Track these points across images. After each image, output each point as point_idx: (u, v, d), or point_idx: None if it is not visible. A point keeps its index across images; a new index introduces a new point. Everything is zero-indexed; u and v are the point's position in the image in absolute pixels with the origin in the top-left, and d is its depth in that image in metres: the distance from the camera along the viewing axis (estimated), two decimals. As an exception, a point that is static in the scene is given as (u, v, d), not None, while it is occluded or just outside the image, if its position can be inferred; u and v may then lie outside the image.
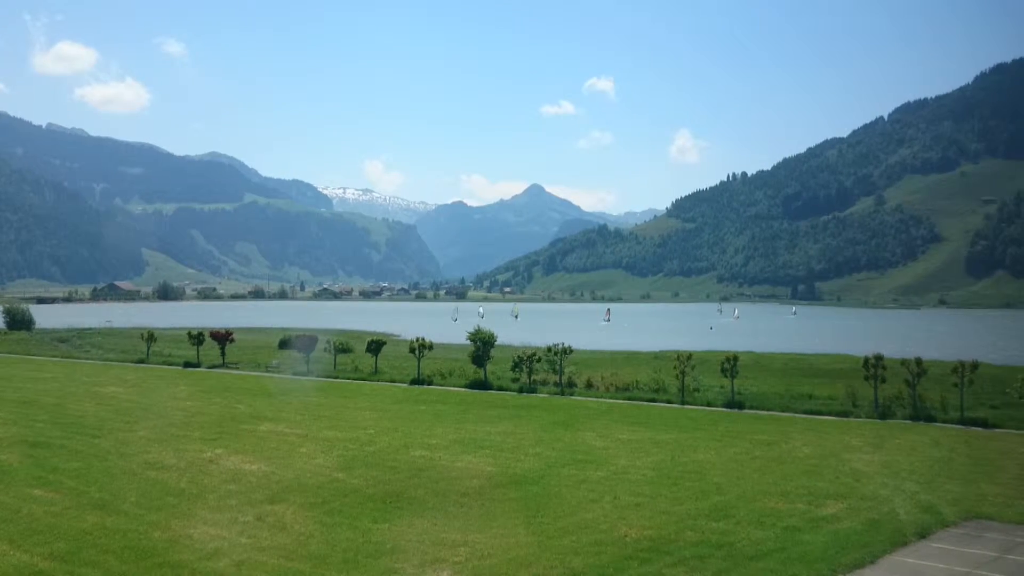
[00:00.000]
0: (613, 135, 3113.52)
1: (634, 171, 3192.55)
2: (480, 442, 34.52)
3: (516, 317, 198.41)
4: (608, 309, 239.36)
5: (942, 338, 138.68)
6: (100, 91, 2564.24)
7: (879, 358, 45.93)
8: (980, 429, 40.43)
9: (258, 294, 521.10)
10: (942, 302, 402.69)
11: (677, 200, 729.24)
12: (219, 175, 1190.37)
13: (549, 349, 57.83)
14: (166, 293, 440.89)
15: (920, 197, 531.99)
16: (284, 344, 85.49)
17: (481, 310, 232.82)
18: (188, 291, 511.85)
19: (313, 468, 29.13)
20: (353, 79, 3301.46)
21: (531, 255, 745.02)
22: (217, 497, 24.85)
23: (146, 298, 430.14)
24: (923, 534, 21.99)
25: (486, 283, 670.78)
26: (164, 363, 73.76)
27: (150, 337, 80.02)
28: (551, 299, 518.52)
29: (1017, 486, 27.89)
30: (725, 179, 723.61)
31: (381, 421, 40.44)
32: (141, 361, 75.02)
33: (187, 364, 71.70)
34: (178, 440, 34.24)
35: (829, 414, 44.47)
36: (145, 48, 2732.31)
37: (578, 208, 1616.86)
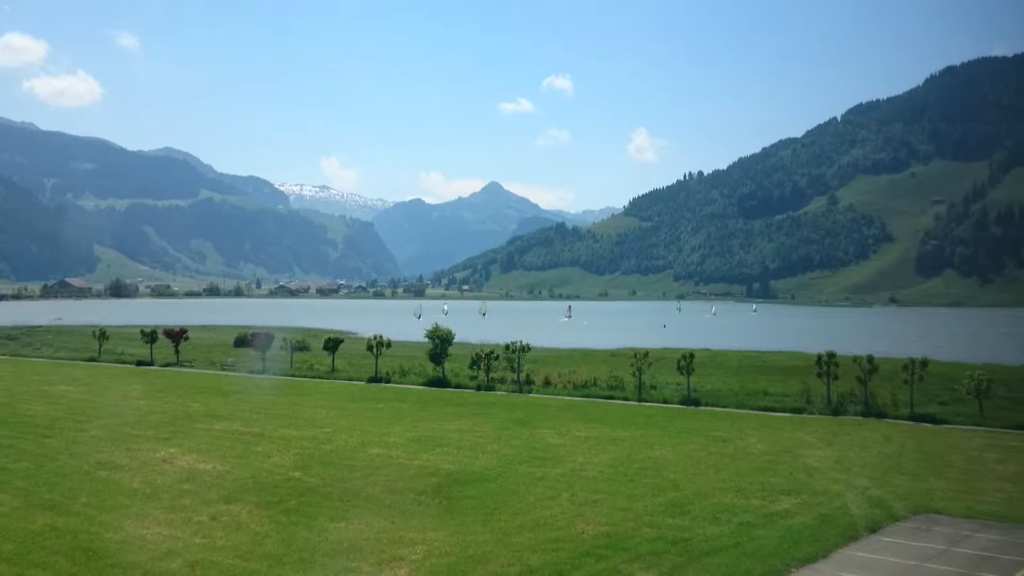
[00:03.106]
0: (571, 133, 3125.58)
1: (592, 169, 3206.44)
2: (438, 440, 34.51)
3: (484, 315, 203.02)
4: (569, 306, 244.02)
5: (892, 336, 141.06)
6: (50, 84, 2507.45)
7: (832, 355, 46.72)
8: (929, 425, 41.34)
9: (213, 292, 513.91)
10: (893, 300, 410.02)
11: (634, 199, 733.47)
12: (173, 171, 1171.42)
13: (507, 347, 57.93)
14: (119, 290, 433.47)
15: (871, 197, 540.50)
16: (240, 342, 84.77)
17: (446, 307, 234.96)
18: (141, 288, 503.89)
19: (269, 467, 28.91)
20: (310, 75, 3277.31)
21: (489, 253, 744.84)
22: (171, 497, 24.56)
23: (98, 295, 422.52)
24: (874, 528, 22.42)
25: (444, 281, 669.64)
26: (116, 361, 72.68)
27: (102, 335, 78.80)
28: (509, 297, 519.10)
29: (964, 481, 28.56)
30: (682, 178, 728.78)
31: (338, 419, 40.26)
32: (92, 359, 73.79)
33: (140, 362, 70.76)
34: (131, 439, 33.77)
35: (783, 411, 45.16)
36: (97, 41, 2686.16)
37: (536, 206, 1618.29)
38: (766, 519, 23.01)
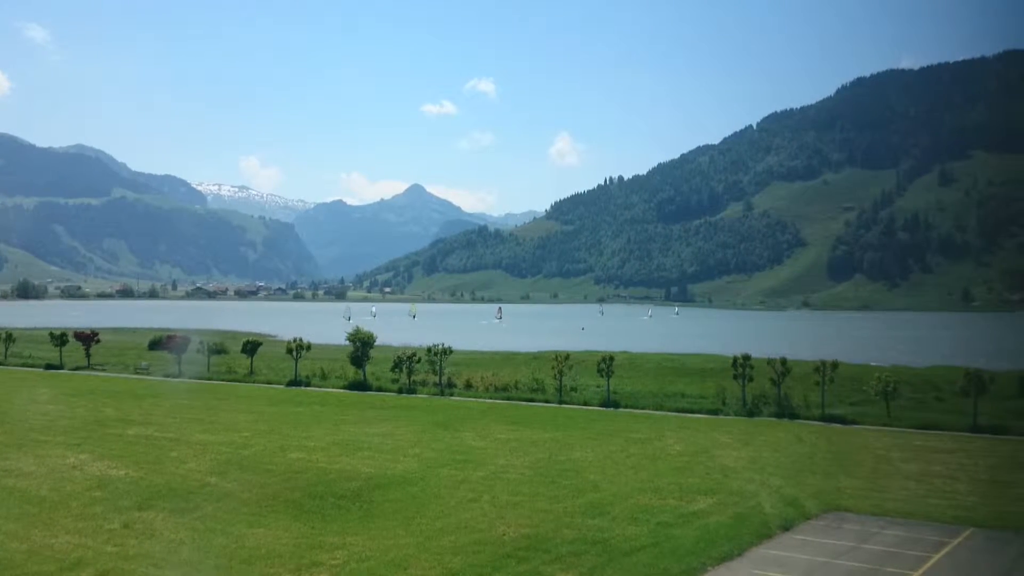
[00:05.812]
0: (494, 136, 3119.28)
1: (514, 172, 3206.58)
2: (359, 443, 34.27)
3: (414, 317, 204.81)
4: (500, 308, 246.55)
5: (805, 338, 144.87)
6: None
7: (747, 358, 47.89)
8: (839, 425, 42.68)
9: (127, 293, 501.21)
10: (805, 304, 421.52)
11: (556, 202, 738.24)
12: (85, 168, 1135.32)
13: (429, 350, 57.80)
14: (26, 291, 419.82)
15: (785, 204, 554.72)
16: (154, 345, 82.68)
17: (374, 309, 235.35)
18: (51, 289, 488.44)
19: (184, 473, 28.33)
20: (229, 71, 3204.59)
21: (412, 255, 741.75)
22: (81, 504, 23.88)
23: (4, 296, 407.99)
24: (787, 527, 23.06)
25: (366, 283, 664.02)
26: (23, 365, 70.38)
27: (8, 338, 76.05)
28: (431, 299, 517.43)
29: (872, 479, 29.57)
30: (603, 183, 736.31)
31: (257, 424, 39.65)
32: (-2, 363, 71.27)
33: (49, 366, 68.54)
34: (39, 445, 32.74)
35: (700, 412, 46.09)
36: (5, 33, 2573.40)
37: (459, 209, 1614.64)
38: (683, 519, 23.46)
